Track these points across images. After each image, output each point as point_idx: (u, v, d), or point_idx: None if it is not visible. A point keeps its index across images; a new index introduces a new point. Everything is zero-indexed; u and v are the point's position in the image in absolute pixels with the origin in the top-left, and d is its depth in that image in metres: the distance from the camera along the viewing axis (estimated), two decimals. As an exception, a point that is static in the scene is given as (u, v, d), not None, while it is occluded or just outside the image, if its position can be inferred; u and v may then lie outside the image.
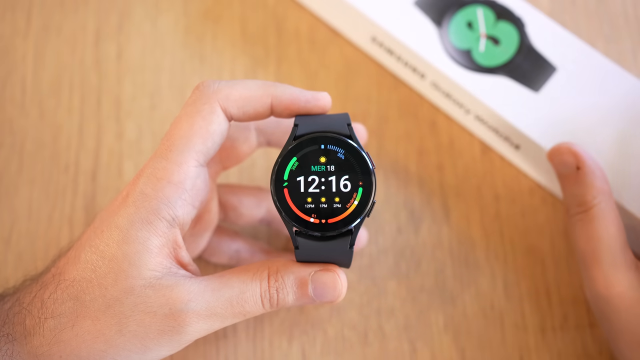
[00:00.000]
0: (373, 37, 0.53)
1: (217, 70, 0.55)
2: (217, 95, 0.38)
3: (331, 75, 0.55)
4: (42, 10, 0.57)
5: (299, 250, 0.37)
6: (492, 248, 0.50)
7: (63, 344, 0.35)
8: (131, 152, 0.53)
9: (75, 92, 0.55)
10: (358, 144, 0.37)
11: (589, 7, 0.57)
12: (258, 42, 0.56)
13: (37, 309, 0.36)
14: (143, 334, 0.35)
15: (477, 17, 0.51)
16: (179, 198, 0.37)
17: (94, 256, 0.36)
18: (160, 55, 0.56)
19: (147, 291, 0.35)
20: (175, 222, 0.37)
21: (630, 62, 0.55)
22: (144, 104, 0.54)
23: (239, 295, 0.36)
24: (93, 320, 0.35)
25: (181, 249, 0.38)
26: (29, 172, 0.52)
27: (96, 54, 0.56)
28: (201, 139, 0.37)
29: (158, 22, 0.57)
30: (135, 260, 0.35)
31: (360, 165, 0.37)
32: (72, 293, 0.36)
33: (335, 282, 0.38)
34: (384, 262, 0.50)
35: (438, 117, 0.54)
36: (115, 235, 0.36)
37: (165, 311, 0.35)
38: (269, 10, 0.57)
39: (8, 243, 0.50)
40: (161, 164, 0.37)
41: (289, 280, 0.37)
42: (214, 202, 0.45)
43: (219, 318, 0.36)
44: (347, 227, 0.37)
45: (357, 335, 0.48)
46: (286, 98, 0.39)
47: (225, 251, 0.48)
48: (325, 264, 0.38)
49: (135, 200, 0.36)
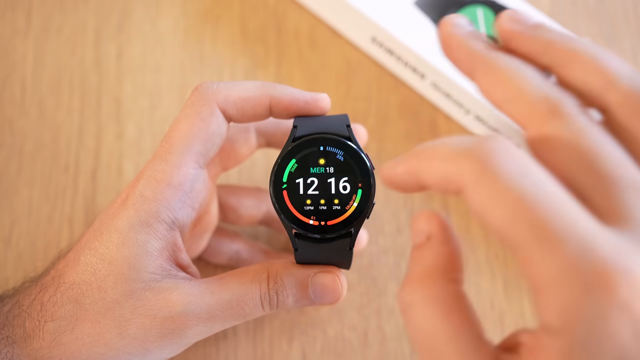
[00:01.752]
0: (373, 38, 0.53)
1: (217, 71, 0.55)
2: (216, 97, 0.38)
3: (331, 76, 0.55)
4: (42, 10, 0.57)
5: (298, 252, 0.37)
6: (492, 248, 0.50)
7: (63, 347, 0.35)
8: (131, 152, 0.53)
9: (75, 92, 0.55)
10: (357, 145, 0.37)
11: (589, 7, 0.57)
12: (258, 42, 0.56)
13: (37, 311, 0.36)
14: (143, 336, 0.35)
15: (477, 17, 0.51)
16: (179, 200, 0.37)
17: (94, 259, 0.36)
18: (160, 55, 0.56)
19: (147, 294, 0.35)
20: (175, 224, 0.37)
21: (630, 62, 0.55)
22: (144, 104, 0.54)
23: (239, 298, 0.36)
24: (93, 323, 0.35)
25: (181, 252, 0.38)
26: (29, 172, 0.52)
27: (96, 54, 0.56)
28: (200, 140, 0.37)
29: (158, 22, 0.57)
30: (134, 263, 0.35)
31: (360, 167, 0.37)
32: (72, 296, 0.36)
33: (335, 283, 0.38)
34: (384, 262, 0.50)
35: (438, 117, 0.54)
36: (115, 238, 0.36)
37: (165, 314, 0.35)
38: (269, 10, 0.57)
39: (8, 243, 0.51)
40: (160, 166, 0.37)
41: (288, 282, 0.37)
42: (214, 204, 0.45)
43: (218, 320, 0.36)
44: (346, 229, 0.37)
45: (357, 336, 0.48)
46: (285, 99, 0.38)
47: (225, 252, 0.48)
48: (325, 265, 0.38)
49: (135, 203, 0.36)
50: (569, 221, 0.23)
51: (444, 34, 0.30)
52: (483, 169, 0.24)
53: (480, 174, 0.25)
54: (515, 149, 0.25)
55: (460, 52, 0.30)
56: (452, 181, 0.26)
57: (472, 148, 0.25)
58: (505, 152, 0.25)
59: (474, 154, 0.25)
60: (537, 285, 0.24)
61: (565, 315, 0.23)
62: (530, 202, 0.23)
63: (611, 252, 0.23)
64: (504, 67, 0.28)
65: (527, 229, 0.23)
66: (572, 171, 0.25)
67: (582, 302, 0.22)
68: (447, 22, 0.30)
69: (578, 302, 0.22)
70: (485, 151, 0.25)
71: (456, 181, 0.26)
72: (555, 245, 0.23)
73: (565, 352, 0.23)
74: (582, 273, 0.22)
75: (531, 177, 0.24)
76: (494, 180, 0.24)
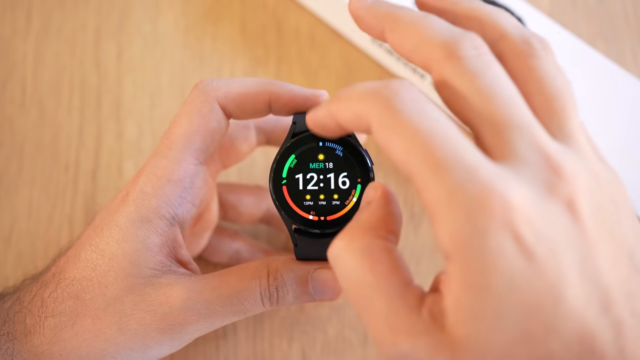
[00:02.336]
0: (373, 38, 0.53)
1: (217, 70, 0.55)
2: (216, 93, 0.38)
3: (331, 75, 0.55)
4: (42, 10, 0.57)
5: (298, 247, 0.37)
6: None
7: (63, 343, 0.35)
8: (131, 152, 0.53)
9: (75, 92, 0.55)
10: (356, 141, 0.37)
11: (589, 7, 0.57)
12: (258, 42, 0.56)
13: (38, 307, 0.36)
14: (143, 332, 0.35)
15: (476, 17, 0.51)
16: (179, 196, 0.37)
17: (94, 255, 0.36)
18: (160, 55, 0.56)
19: (147, 290, 0.35)
20: (175, 220, 0.37)
21: (630, 62, 0.55)
22: (144, 103, 0.54)
23: (239, 294, 0.36)
24: (93, 319, 0.35)
25: (181, 248, 0.38)
26: (29, 172, 0.52)
27: (96, 54, 0.56)
28: (200, 137, 0.37)
29: (158, 22, 0.57)
30: (135, 259, 0.35)
31: (359, 163, 0.37)
32: (72, 292, 0.36)
33: (335, 279, 0.38)
34: (384, 262, 0.50)
35: (438, 116, 0.54)
36: (115, 233, 0.36)
37: (165, 309, 0.35)
38: (269, 10, 0.57)
39: (8, 243, 0.50)
40: (161, 162, 0.37)
41: (288, 278, 0.37)
42: (214, 201, 0.45)
43: (218, 316, 0.36)
44: (346, 224, 0.37)
45: (357, 335, 0.48)
46: (284, 95, 0.39)
47: (226, 251, 0.48)
48: (325, 261, 0.38)
49: (135, 199, 0.36)
50: (457, 152, 0.25)
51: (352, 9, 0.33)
52: (386, 106, 0.27)
53: (383, 111, 0.27)
54: (417, 91, 0.28)
55: (368, 19, 0.32)
56: (362, 119, 0.28)
57: (379, 89, 0.28)
58: (407, 92, 0.27)
59: (380, 93, 0.28)
60: (432, 213, 0.26)
61: (454, 239, 0.25)
62: (424, 134, 0.26)
63: (491, 178, 0.25)
64: (408, 19, 0.30)
65: (421, 158, 0.26)
66: (466, 112, 0.28)
67: (466, 224, 0.24)
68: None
69: (463, 225, 0.24)
70: (390, 91, 0.27)
71: (365, 119, 0.28)
72: (444, 172, 0.25)
73: (462, 276, 0.25)
74: (465, 197, 0.25)
75: (427, 114, 0.27)
76: (394, 116, 0.27)
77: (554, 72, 0.29)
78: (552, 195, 0.26)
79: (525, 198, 0.25)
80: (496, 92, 0.27)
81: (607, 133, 0.48)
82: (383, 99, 0.27)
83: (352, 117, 0.29)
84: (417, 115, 0.27)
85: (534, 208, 0.25)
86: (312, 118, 0.32)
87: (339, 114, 0.30)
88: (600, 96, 0.49)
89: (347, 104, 0.29)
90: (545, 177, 0.26)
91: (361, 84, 0.29)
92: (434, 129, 0.26)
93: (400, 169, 0.27)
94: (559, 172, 0.26)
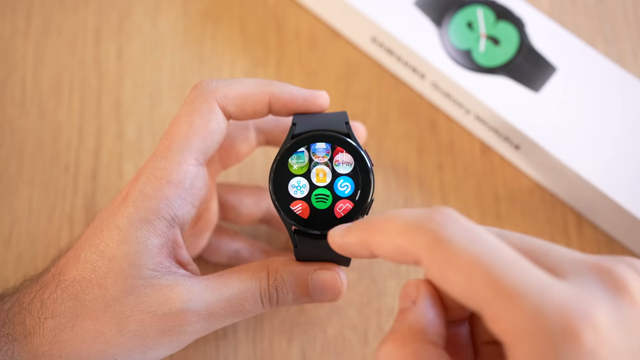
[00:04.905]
0: (373, 38, 0.53)
1: (217, 70, 0.55)
2: (215, 94, 0.38)
3: (331, 75, 0.55)
4: (42, 10, 0.57)
5: (298, 248, 0.37)
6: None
7: (63, 344, 0.35)
8: (131, 152, 0.53)
9: (75, 92, 0.55)
10: (356, 142, 0.37)
11: (589, 7, 0.57)
12: (258, 42, 0.56)
13: (37, 309, 0.36)
14: (143, 333, 0.35)
15: (477, 17, 0.51)
16: (179, 197, 0.37)
17: (94, 256, 0.36)
18: (160, 55, 0.56)
19: (147, 291, 0.35)
20: (175, 221, 0.37)
21: (630, 62, 0.55)
22: (144, 103, 0.54)
23: (239, 295, 0.36)
24: (93, 320, 0.35)
25: (181, 249, 0.38)
26: (29, 172, 0.52)
27: (96, 54, 0.56)
28: (200, 137, 0.37)
29: (158, 22, 0.57)
30: (134, 260, 0.35)
31: (359, 164, 0.37)
32: (72, 293, 0.36)
33: (335, 280, 0.38)
34: (384, 262, 0.50)
35: (438, 117, 0.54)
36: (115, 235, 0.36)
37: (164, 311, 0.35)
38: (269, 10, 0.57)
39: (8, 243, 0.50)
40: (160, 163, 0.37)
41: (288, 279, 0.37)
42: (214, 202, 0.45)
43: (218, 317, 0.36)
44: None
45: (357, 335, 0.48)
46: (284, 96, 0.39)
47: (225, 251, 0.48)
48: (325, 262, 0.38)
49: (135, 200, 0.36)
50: (523, 275, 0.24)
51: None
52: (436, 240, 0.26)
53: (434, 246, 0.26)
54: (464, 218, 0.27)
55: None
56: (407, 254, 0.28)
57: (424, 222, 0.27)
58: (454, 222, 0.27)
59: (426, 227, 0.27)
60: (509, 342, 0.24)
61: None
62: (484, 264, 0.25)
63: (567, 298, 0.24)
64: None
65: (486, 289, 0.25)
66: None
67: (553, 353, 0.23)
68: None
69: (549, 354, 0.23)
70: (436, 224, 0.27)
71: (412, 254, 0.27)
72: (516, 299, 0.24)
73: None
74: (546, 323, 0.23)
75: (481, 241, 0.26)
76: (447, 250, 0.26)
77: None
78: (622, 297, 0.25)
79: (606, 314, 0.24)
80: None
81: (607, 133, 0.48)
82: (431, 232, 0.26)
83: (393, 251, 0.28)
84: (471, 245, 0.26)
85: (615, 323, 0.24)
86: (339, 244, 0.32)
87: (377, 247, 0.29)
88: (600, 96, 0.49)
89: (387, 237, 0.29)
90: (606, 281, 0.25)
91: (399, 213, 0.29)
92: (493, 256, 0.25)
93: (464, 302, 0.26)
94: (613, 275, 0.25)
